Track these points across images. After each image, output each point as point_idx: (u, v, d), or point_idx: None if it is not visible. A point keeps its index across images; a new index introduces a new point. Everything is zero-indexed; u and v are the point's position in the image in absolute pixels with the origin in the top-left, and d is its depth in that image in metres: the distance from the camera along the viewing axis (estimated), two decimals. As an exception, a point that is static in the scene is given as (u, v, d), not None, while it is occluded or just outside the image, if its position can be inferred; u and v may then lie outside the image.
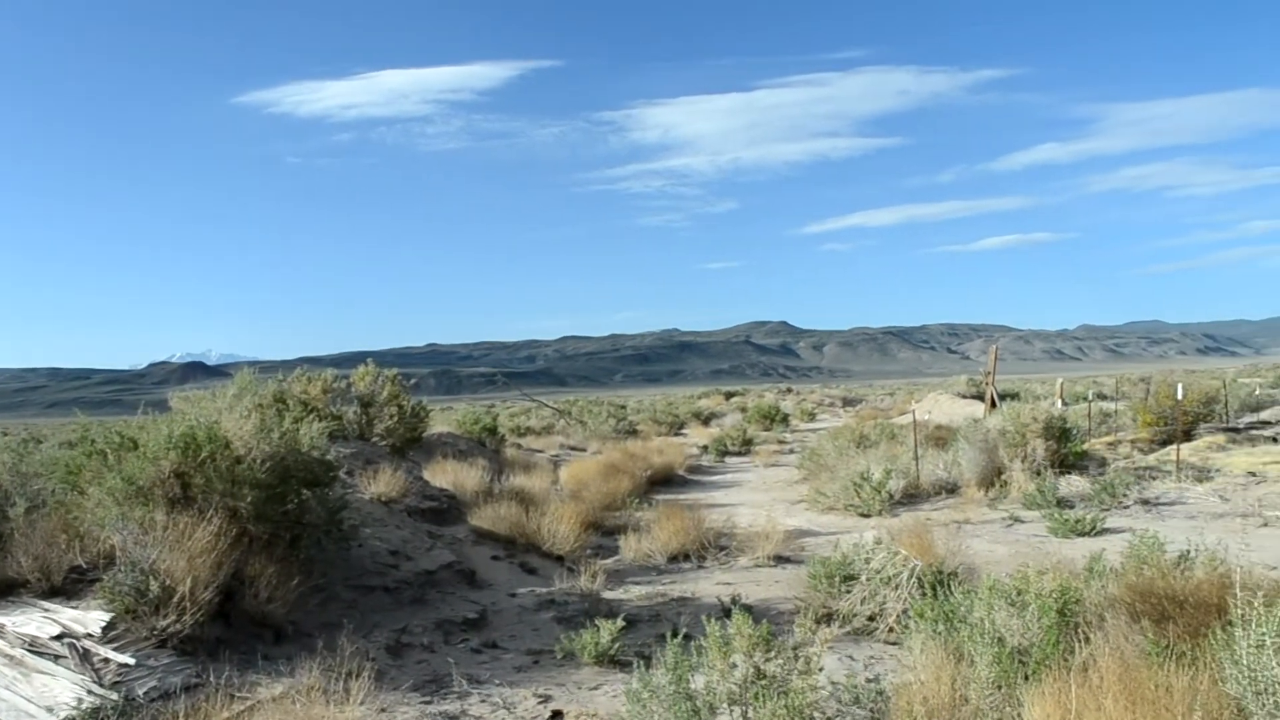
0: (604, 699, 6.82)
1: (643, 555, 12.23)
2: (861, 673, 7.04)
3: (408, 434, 18.16)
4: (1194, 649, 4.90)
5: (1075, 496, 15.55)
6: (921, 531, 8.90)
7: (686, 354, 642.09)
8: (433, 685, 7.11)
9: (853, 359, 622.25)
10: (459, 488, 14.76)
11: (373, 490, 11.98)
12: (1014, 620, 5.62)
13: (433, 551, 10.63)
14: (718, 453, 29.42)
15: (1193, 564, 6.87)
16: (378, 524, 10.73)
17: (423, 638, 8.30)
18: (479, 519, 12.49)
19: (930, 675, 5.22)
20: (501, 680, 7.27)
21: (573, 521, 12.35)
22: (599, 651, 7.55)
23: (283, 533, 8.39)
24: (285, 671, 6.68)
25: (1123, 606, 5.92)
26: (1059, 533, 12.76)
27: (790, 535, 12.83)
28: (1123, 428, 25.61)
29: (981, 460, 17.29)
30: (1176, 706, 4.28)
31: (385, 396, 18.01)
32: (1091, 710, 4.39)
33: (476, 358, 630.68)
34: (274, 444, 8.41)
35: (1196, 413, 26.07)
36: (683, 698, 5.18)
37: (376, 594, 9.19)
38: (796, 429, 41.68)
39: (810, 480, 19.45)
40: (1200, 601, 5.69)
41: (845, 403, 66.04)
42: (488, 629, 8.90)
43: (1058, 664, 5.03)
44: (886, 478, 16.03)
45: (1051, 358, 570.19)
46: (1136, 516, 14.06)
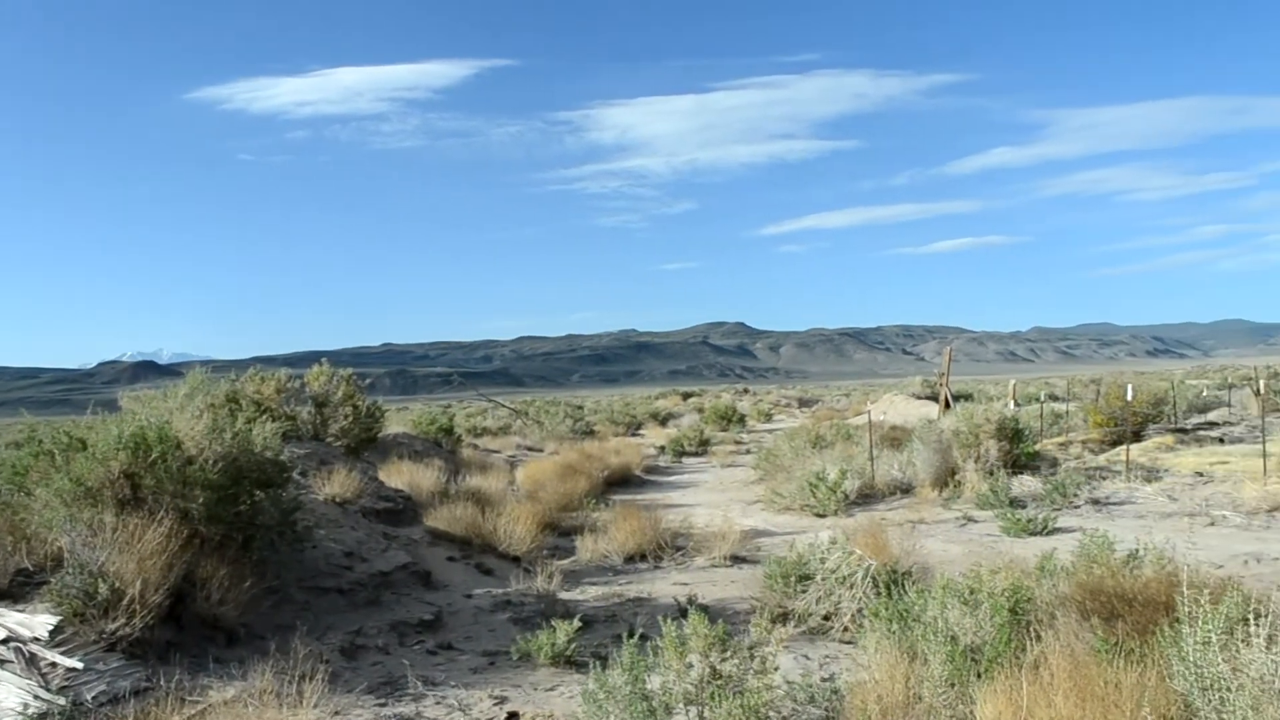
0: (560, 700, 6.81)
1: (599, 556, 12.23)
2: (817, 672, 7.09)
3: (363, 434, 18.01)
4: (1142, 646, 4.98)
5: (1027, 496, 15.75)
6: (876, 531, 8.97)
7: (644, 354, 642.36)
8: (387, 687, 7.06)
9: (809, 360, 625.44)
10: (415, 488, 14.67)
11: (327, 491, 11.87)
12: (967, 619, 5.67)
13: (388, 553, 10.55)
14: (675, 453, 29.48)
15: (1141, 563, 6.97)
16: (332, 525, 10.64)
17: (377, 639, 8.24)
18: (435, 520, 12.42)
19: (884, 674, 5.27)
20: (457, 682, 7.23)
21: (529, 522, 12.32)
22: (555, 652, 7.54)
23: (235, 534, 8.29)
24: (237, 674, 6.60)
25: (1073, 605, 6.00)
26: (1011, 532, 12.92)
27: (747, 535, 12.88)
28: (1074, 428, 25.96)
29: (936, 461, 17.46)
30: (1125, 703, 4.35)
31: (340, 396, 17.86)
32: (1043, 707, 4.45)
33: (433, 358, 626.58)
34: (226, 444, 8.32)
35: (1146, 414, 26.50)
36: (639, 698, 5.18)
37: (331, 596, 9.11)
38: (753, 429, 41.84)
39: (766, 480, 19.55)
40: (1149, 600, 5.78)
41: (801, 403, 66.43)
42: (443, 630, 8.85)
43: (1010, 662, 5.08)
44: (842, 478, 16.14)
45: (1004, 359, 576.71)
46: (1087, 516, 14.26)
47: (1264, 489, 14.53)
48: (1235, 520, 13.38)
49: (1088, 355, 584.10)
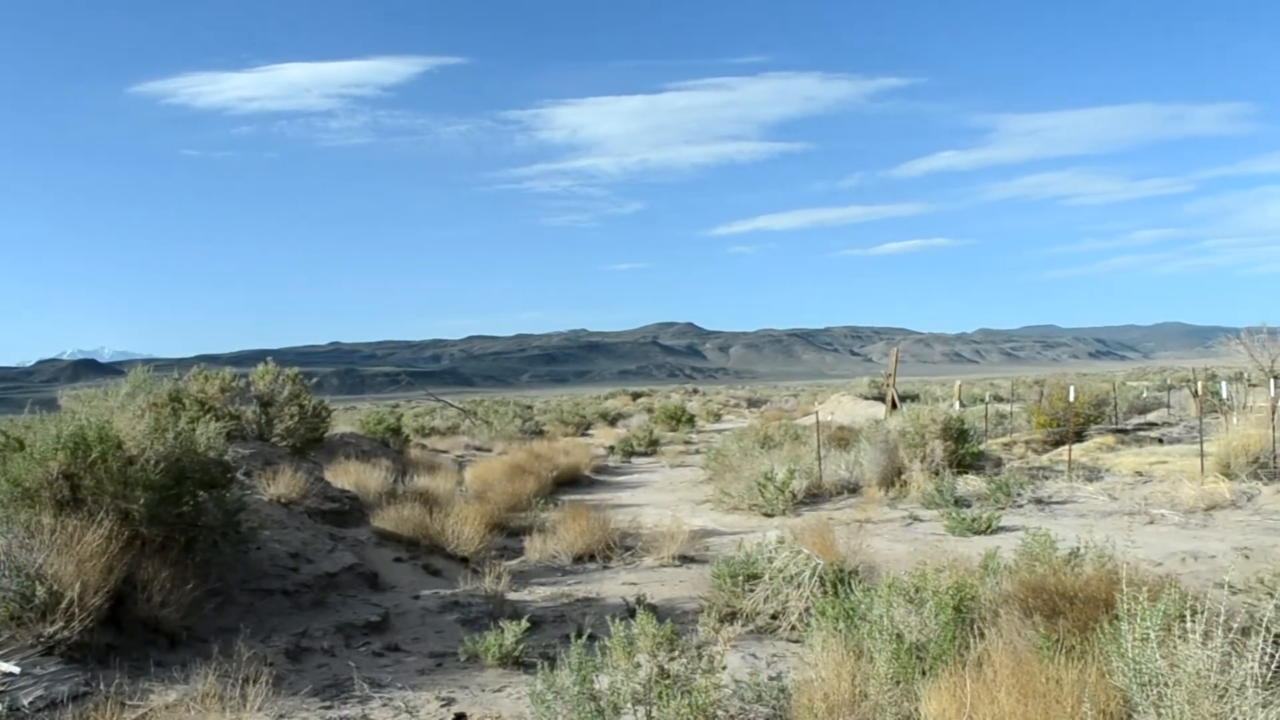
0: (508, 701, 6.79)
1: (548, 556, 12.20)
2: (764, 670, 7.12)
3: (309, 434, 17.84)
4: (1083, 643, 5.06)
5: (972, 496, 15.94)
6: (823, 531, 9.04)
7: (594, 354, 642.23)
8: (333, 690, 6.99)
9: (758, 360, 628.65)
10: (361, 489, 14.55)
11: (272, 492, 11.73)
12: (912, 617, 5.73)
13: (334, 554, 10.45)
14: (624, 453, 29.50)
15: (1082, 561, 7.09)
16: (277, 526, 10.52)
17: (323, 641, 8.16)
18: (382, 520, 12.32)
19: (831, 672, 5.30)
20: (404, 683, 7.18)
21: (477, 523, 12.26)
22: (503, 653, 7.51)
23: (177, 535, 8.17)
24: (179, 678, 6.50)
25: (1016, 602, 6.08)
26: (956, 531, 13.07)
27: (695, 535, 12.92)
28: (1018, 429, 26.35)
29: (882, 460, 17.63)
30: (1066, 699, 4.42)
31: (286, 396, 17.67)
32: (986, 704, 4.51)
33: (381, 357, 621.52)
34: (169, 444, 8.20)
35: (1087, 415, 26.99)
36: (587, 698, 5.18)
37: (275, 597, 9.01)
38: (702, 430, 41.97)
39: (715, 480, 19.60)
40: (1089, 597, 5.87)
41: (750, 404, 66.75)
42: (390, 632, 8.78)
43: (954, 659, 5.15)
44: (790, 478, 16.23)
45: (950, 360, 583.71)
46: (1030, 515, 14.47)
47: (1201, 488, 14.84)
48: (1174, 519, 13.64)
49: (1032, 357, 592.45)
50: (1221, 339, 23.82)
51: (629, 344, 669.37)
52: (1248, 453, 16.04)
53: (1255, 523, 13.15)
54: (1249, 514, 13.74)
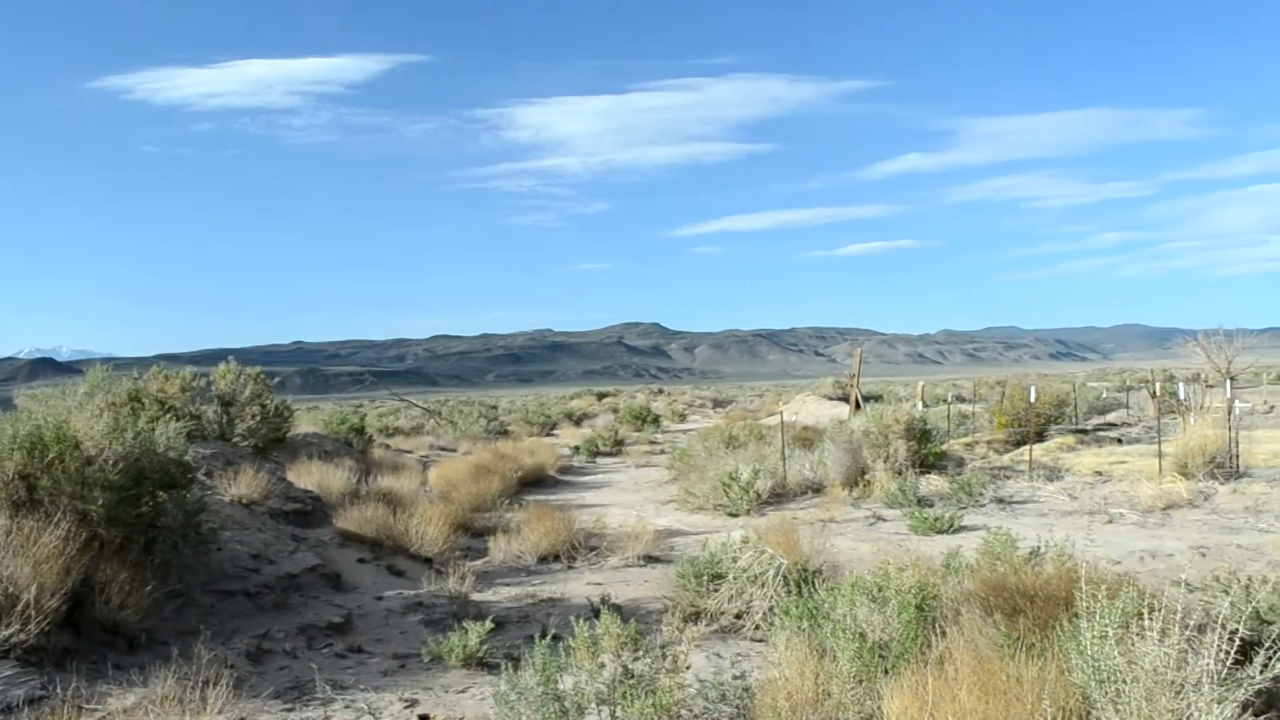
0: (472, 702, 6.76)
1: (512, 556, 12.17)
2: (728, 670, 7.14)
3: (271, 434, 17.69)
4: (1043, 641, 5.11)
5: (935, 495, 16.07)
6: (788, 530, 9.08)
7: (559, 354, 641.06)
8: (295, 692, 6.94)
9: (723, 361, 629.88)
10: (324, 489, 14.45)
11: (233, 492, 11.63)
12: (875, 616, 5.77)
13: (296, 554, 10.37)
14: (589, 453, 29.48)
15: (1043, 560, 7.17)
16: (238, 527, 10.42)
17: (285, 643, 8.09)
18: (345, 521, 12.24)
19: (794, 671, 5.33)
20: (367, 685, 7.14)
21: (441, 523, 12.21)
22: (467, 654, 7.48)
23: (137, 536, 8.08)
24: (138, 681, 6.43)
25: (977, 601, 6.13)
26: (919, 530, 13.17)
27: (660, 535, 12.92)
28: (980, 429, 26.59)
29: (846, 460, 17.72)
30: (1026, 696, 4.46)
31: (247, 395, 17.52)
32: (947, 701, 4.54)
33: (344, 356, 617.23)
34: (128, 444, 8.10)
35: (1048, 415, 27.27)
36: (551, 699, 5.17)
37: (237, 599, 8.93)
38: (667, 430, 42.02)
39: (680, 480, 19.63)
40: (1049, 595, 5.93)
41: (715, 404, 66.93)
42: (353, 633, 8.72)
43: (916, 657, 5.19)
44: (754, 478, 16.28)
45: (914, 361, 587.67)
46: (992, 514, 14.60)
47: (1159, 488, 15.04)
48: (1132, 518, 13.81)
49: (994, 358, 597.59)
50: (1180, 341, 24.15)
51: (594, 344, 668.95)
52: (1205, 453, 16.28)
53: (1212, 522, 13.35)
54: (1206, 513, 13.94)
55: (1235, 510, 13.88)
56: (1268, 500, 14.11)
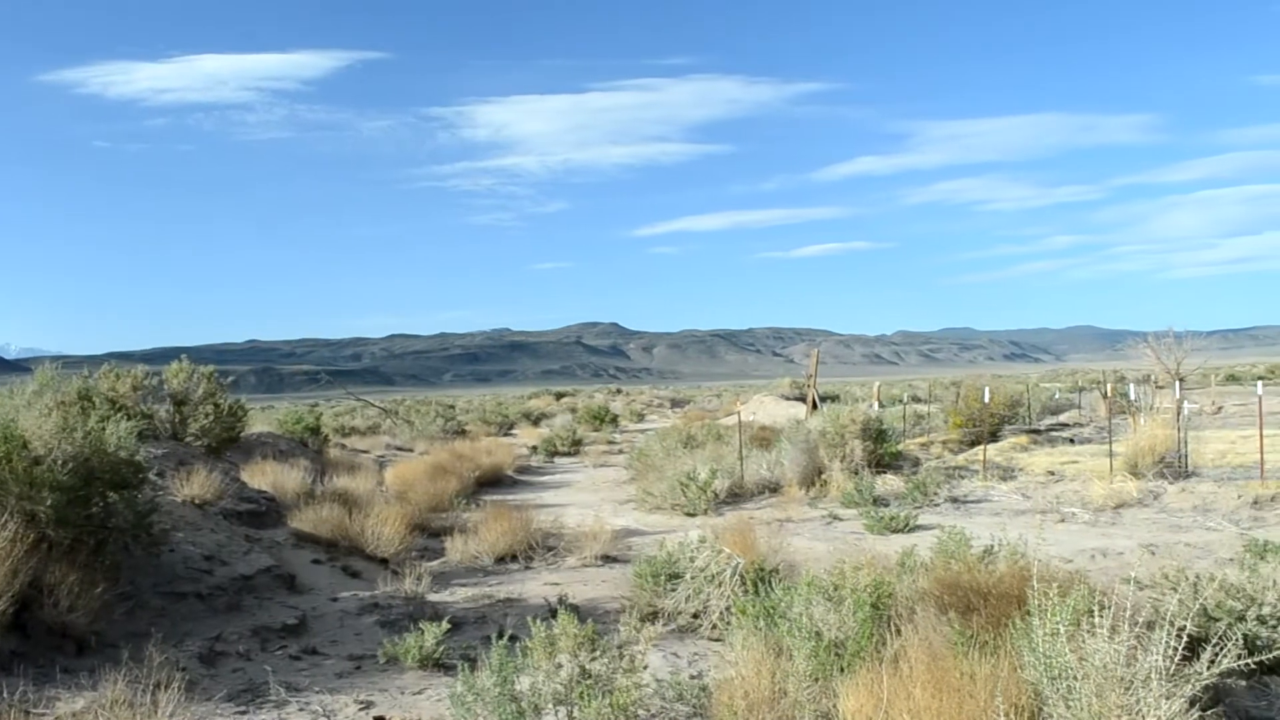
0: (428, 703, 6.73)
1: (469, 557, 12.11)
2: (685, 669, 7.15)
3: (224, 434, 17.50)
4: (996, 638, 5.17)
5: (890, 495, 16.20)
6: (745, 530, 9.10)
7: (517, 354, 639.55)
8: (248, 694, 6.87)
9: (682, 361, 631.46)
10: (279, 489, 14.32)
11: (186, 492, 11.49)
12: (831, 615, 5.80)
13: (250, 555, 10.26)
14: (547, 453, 29.45)
15: (996, 558, 7.24)
16: (191, 528, 10.30)
17: (238, 645, 8.01)
18: (300, 521, 12.13)
19: (751, 670, 5.35)
20: (321, 687, 7.08)
21: (398, 523, 12.13)
22: (423, 655, 7.44)
23: (86, 538, 7.96)
24: (87, 685, 6.33)
25: (932, 599, 6.18)
26: (875, 530, 13.27)
27: (618, 535, 12.93)
28: (935, 429, 26.85)
29: (803, 460, 17.82)
30: (980, 693, 4.51)
31: (201, 394, 17.31)
32: (902, 699, 4.58)
33: (299, 355, 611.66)
34: (77, 444, 7.98)
35: (1002, 415, 27.62)
36: (508, 699, 5.15)
37: (189, 601, 8.82)
38: (625, 430, 42.08)
39: (638, 480, 19.65)
40: (1002, 593, 5.99)
41: (673, 404, 67.10)
42: (308, 635, 8.64)
43: (871, 656, 5.22)
44: (712, 477, 16.33)
45: (870, 362, 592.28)
46: (946, 514, 14.75)
47: (1110, 487, 15.27)
48: (1084, 517, 14.01)
49: (949, 358, 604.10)
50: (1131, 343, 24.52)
51: (552, 344, 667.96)
52: (1154, 453, 16.54)
53: (1161, 520, 13.57)
54: (1155, 512, 14.17)
55: (1184, 509, 14.12)
56: (1215, 499, 14.36)
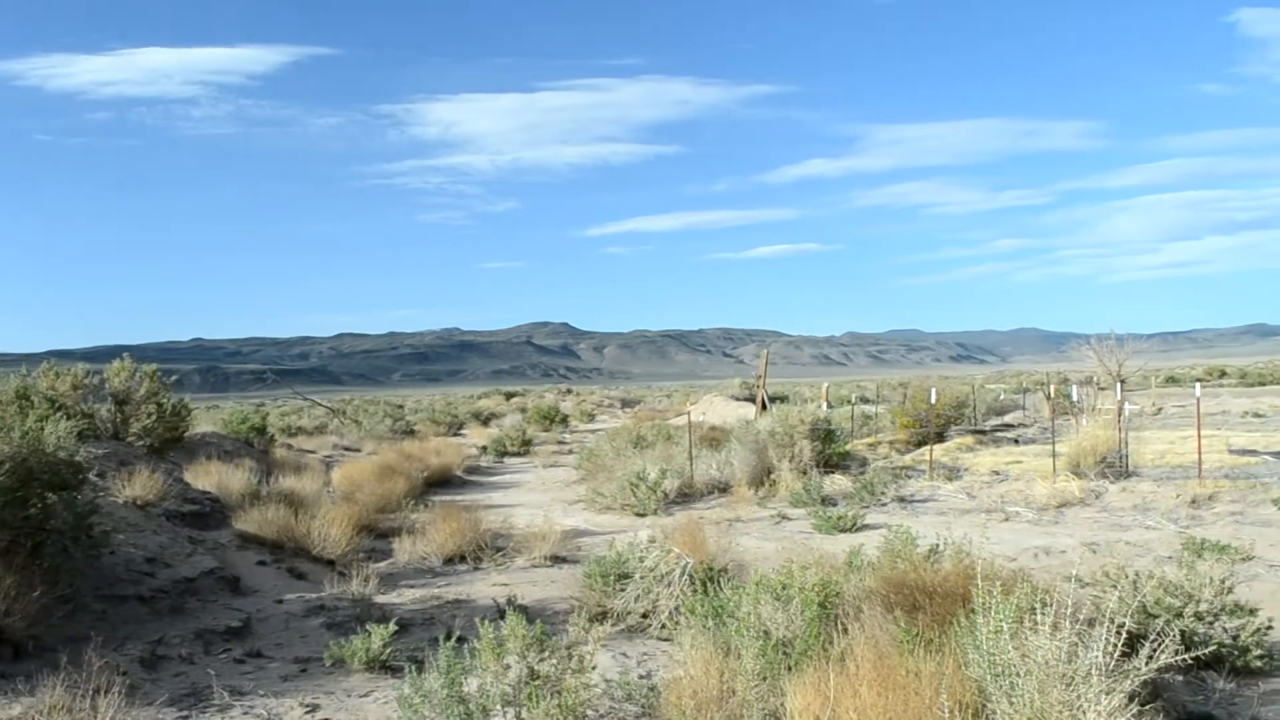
0: (375, 706, 6.67)
1: (418, 558, 12.03)
2: (635, 669, 7.16)
3: (167, 434, 17.23)
4: (941, 636, 5.23)
5: (838, 494, 16.34)
6: (694, 530, 9.13)
7: (467, 353, 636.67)
8: (191, 698, 6.77)
9: (632, 361, 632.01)
10: (223, 490, 14.14)
11: (128, 493, 11.30)
12: (779, 614, 5.84)
13: (193, 557, 10.12)
14: (497, 453, 29.36)
15: (941, 557, 7.33)
16: (132, 529, 10.13)
17: (181, 649, 7.89)
18: (244, 523, 11.98)
19: (700, 669, 5.37)
20: (266, 691, 6.99)
21: (345, 524, 12.02)
22: (370, 657, 7.38)
23: (23, 540, 7.80)
24: (24, 690, 6.20)
25: (878, 598, 6.25)
26: (823, 529, 13.38)
27: (567, 535, 12.92)
28: (882, 429, 27.11)
29: (752, 460, 17.92)
30: (925, 690, 4.56)
31: (143, 394, 17.04)
32: (848, 697, 4.62)
33: (245, 354, 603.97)
34: (14, 444, 7.82)
35: (949, 416, 27.95)
36: (455, 701, 5.13)
37: (130, 604, 8.67)
38: (576, 430, 42.07)
39: (588, 480, 19.66)
40: (948, 592, 6.07)
41: (624, 404, 67.19)
42: (252, 638, 8.54)
43: (818, 654, 5.26)
44: (662, 478, 16.37)
45: (819, 363, 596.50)
46: (893, 513, 14.90)
47: (1053, 487, 15.51)
48: (1027, 516, 14.22)
49: (897, 360, 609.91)
50: (1074, 345, 24.90)
51: (503, 343, 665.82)
52: (1096, 453, 16.84)
53: (1103, 519, 13.81)
54: (1097, 511, 14.43)
55: (1124, 508, 14.38)
56: (1155, 498, 14.65)
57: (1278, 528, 12.40)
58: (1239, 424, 28.17)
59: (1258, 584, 9.37)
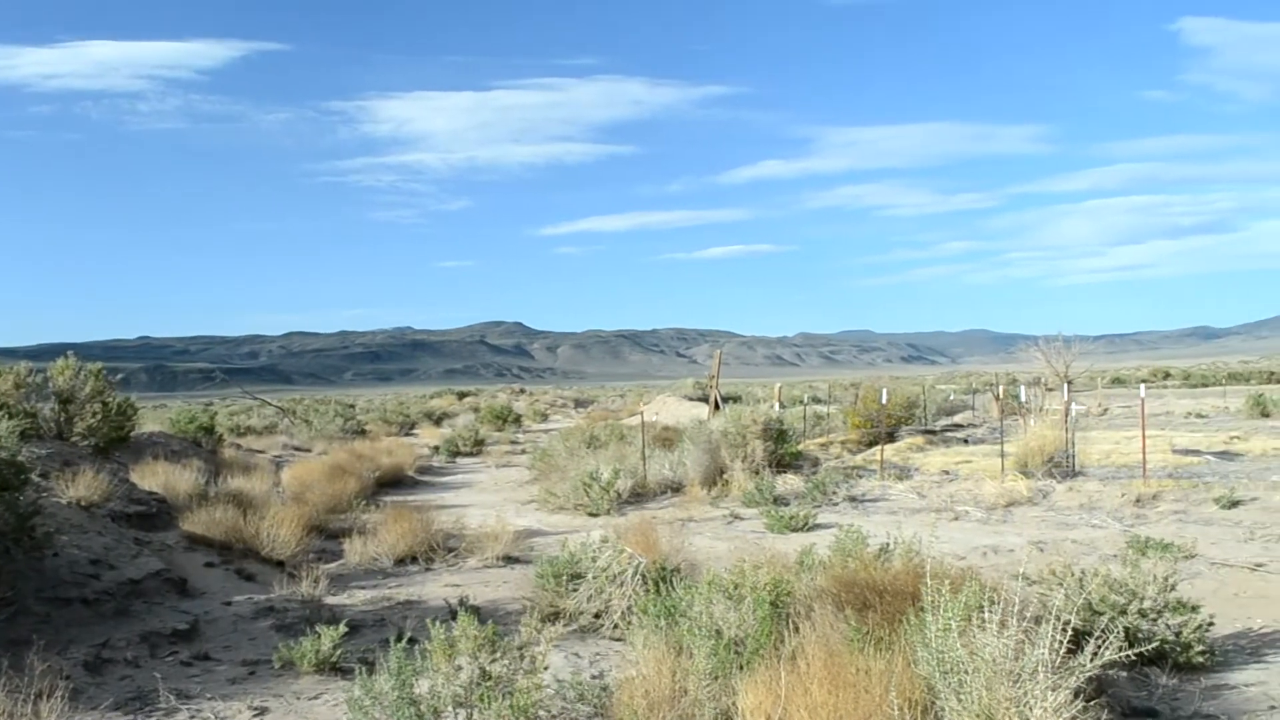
0: (325, 709, 6.61)
1: (368, 558, 11.94)
2: (587, 669, 7.16)
3: (113, 433, 16.94)
4: (891, 634, 5.29)
5: (791, 494, 16.43)
6: (647, 530, 9.15)
7: (419, 353, 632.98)
8: (137, 702, 6.67)
9: (586, 361, 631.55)
10: (170, 491, 13.92)
11: (72, 494, 11.10)
12: (731, 613, 5.86)
13: (139, 559, 9.96)
14: (449, 453, 29.23)
15: (892, 556, 7.40)
16: (76, 531, 9.95)
17: (126, 652, 7.77)
18: (192, 524, 11.81)
19: (652, 669, 5.38)
20: (214, 694, 6.91)
21: (294, 525, 11.90)
22: (320, 659, 7.31)
23: (-37, 542, 7.65)
24: (-37, 695, 6.08)
25: (829, 597, 6.30)
26: (775, 529, 13.45)
27: (520, 535, 12.88)
28: (834, 429, 27.31)
29: (705, 460, 17.98)
30: (875, 688, 4.60)
31: (88, 393, 16.73)
32: (800, 695, 4.65)
33: (193, 353, 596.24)
34: (-46, 444, 7.66)
35: (899, 416, 28.21)
36: (406, 703, 5.09)
37: (74, 606, 8.52)
38: (529, 430, 41.98)
39: (541, 480, 19.61)
40: (898, 590, 6.13)
41: (577, 404, 67.16)
42: (199, 640, 8.42)
43: (770, 653, 5.30)
44: (615, 477, 16.37)
45: (772, 363, 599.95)
46: (845, 512, 15.01)
47: (1002, 486, 15.71)
48: (976, 515, 14.39)
49: (849, 360, 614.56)
50: (1022, 346, 25.23)
51: (456, 343, 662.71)
52: (1044, 453, 17.10)
53: (1050, 518, 14.01)
54: (1044, 510, 14.63)
55: (1071, 507, 14.61)
56: (1100, 497, 14.89)
57: (1219, 526, 12.65)
58: (1182, 424, 28.73)
59: (1200, 581, 9.56)
